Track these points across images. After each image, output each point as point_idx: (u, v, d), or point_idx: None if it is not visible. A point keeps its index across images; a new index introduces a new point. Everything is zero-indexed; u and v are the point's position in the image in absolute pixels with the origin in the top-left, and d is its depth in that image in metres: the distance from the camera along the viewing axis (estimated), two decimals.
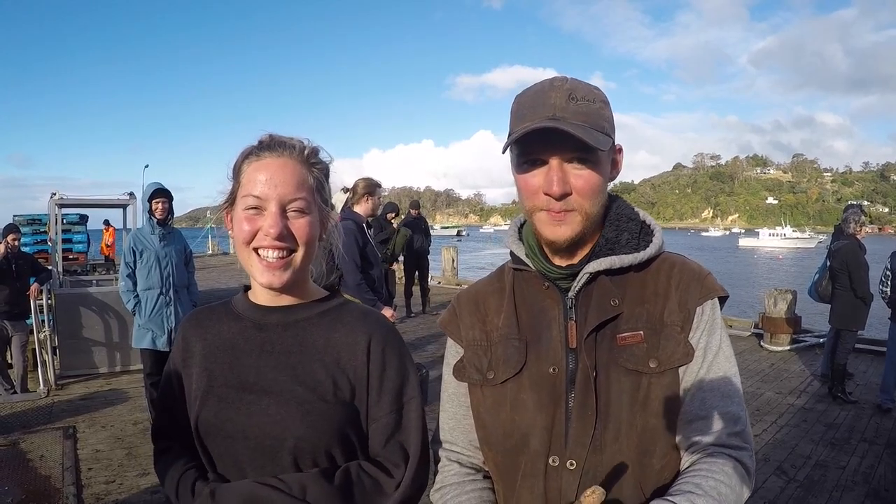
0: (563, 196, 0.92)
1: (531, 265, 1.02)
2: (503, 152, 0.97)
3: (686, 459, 0.92)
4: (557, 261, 1.00)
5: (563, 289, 0.99)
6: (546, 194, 0.92)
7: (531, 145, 0.92)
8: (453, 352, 1.10)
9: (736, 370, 0.95)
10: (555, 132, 0.88)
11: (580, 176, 0.92)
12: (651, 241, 1.00)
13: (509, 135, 0.96)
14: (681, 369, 0.93)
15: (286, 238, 0.99)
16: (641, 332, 0.93)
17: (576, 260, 0.99)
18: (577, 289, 0.97)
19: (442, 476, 1.08)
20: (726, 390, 0.92)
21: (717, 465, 0.87)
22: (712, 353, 0.93)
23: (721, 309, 0.99)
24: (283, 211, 0.99)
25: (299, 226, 1.00)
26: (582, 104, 0.91)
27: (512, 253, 1.06)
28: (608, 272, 0.97)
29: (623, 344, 0.93)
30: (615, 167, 1.00)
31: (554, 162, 0.91)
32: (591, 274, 0.96)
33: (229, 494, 0.95)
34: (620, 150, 1.01)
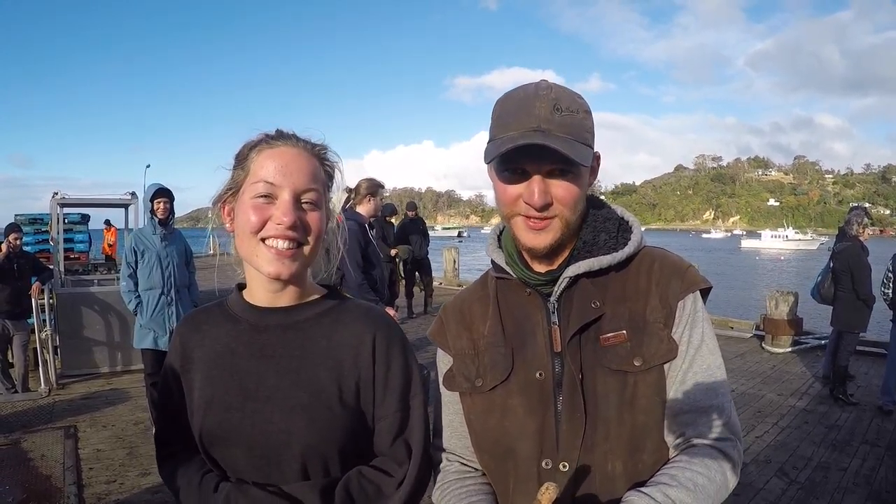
0: (545, 207, 0.92)
1: (512, 273, 1.02)
2: (487, 162, 0.96)
3: (672, 453, 0.93)
4: (537, 266, 1.01)
5: (545, 294, 1.00)
6: (526, 203, 0.92)
7: (514, 155, 0.92)
8: (444, 361, 1.11)
9: (720, 362, 0.95)
10: (540, 147, 0.87)
11: (561, 186, 0.92)
12: (630, 238, 1.00)
13: (490, 139, 0.95)
14: (666, 365, 0.93)
15: (298, 229, 0.94)
16: (624, 332, 0.94)
17: (555, 265, 1.00)
18: (558, 293, 0.98)
19: (443, 475, 1.09)
20: (710, 383, 0.93)
21: (697, 456, 0.88)
22: (694, 347, 0.94)
23: (705, 300, 0.99)
24: (296, 201, 0.95)
25: (312, 219, 0.97)
26: (566, 115, 0.91)
27: (493, 261, 1.06)
28: (588, 274, 0.97)
29: (607, 344, 0.94)
30: (593, 174, 1.00)
31: (537, 175, 0.91)
32: (570, 278, 0.97)
33: None
34: (598, 157, 1.01)
